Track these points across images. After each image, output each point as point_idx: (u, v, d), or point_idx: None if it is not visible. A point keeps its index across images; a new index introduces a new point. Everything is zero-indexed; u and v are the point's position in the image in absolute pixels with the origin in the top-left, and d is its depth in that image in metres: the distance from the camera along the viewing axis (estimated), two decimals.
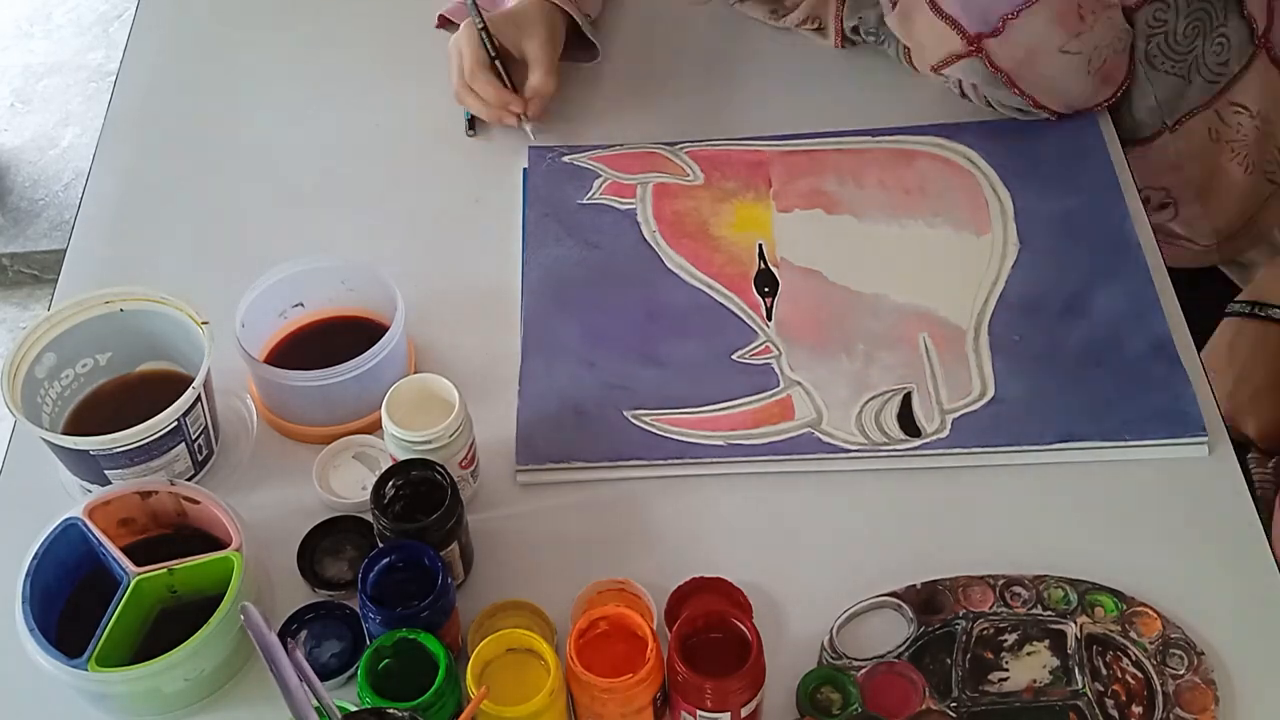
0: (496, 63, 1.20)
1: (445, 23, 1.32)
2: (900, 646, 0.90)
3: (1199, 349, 1.06)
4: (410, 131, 1.27)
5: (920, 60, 1.18)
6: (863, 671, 0.89)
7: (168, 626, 0.89)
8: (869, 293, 1.10)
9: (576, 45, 1.26)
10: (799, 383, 1.04)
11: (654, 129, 1.24)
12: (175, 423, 0.95)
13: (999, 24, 1.08)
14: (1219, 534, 0.96)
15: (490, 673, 0.84)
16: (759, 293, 1.11)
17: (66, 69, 2.71)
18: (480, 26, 1.19)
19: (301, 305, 1.08)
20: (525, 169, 1.21)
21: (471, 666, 0.83)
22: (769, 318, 1.09)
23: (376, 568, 0.87)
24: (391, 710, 0.78)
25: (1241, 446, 1.13)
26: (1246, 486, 0.98)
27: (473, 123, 1.26)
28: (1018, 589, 0.93)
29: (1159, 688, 0.88)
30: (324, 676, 0.87)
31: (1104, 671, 0.89)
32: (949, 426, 1.01)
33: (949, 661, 0.89)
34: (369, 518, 0.92)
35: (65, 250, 1.20)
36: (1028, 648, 0.90)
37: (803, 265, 1.12)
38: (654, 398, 1.04)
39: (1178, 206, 1.27)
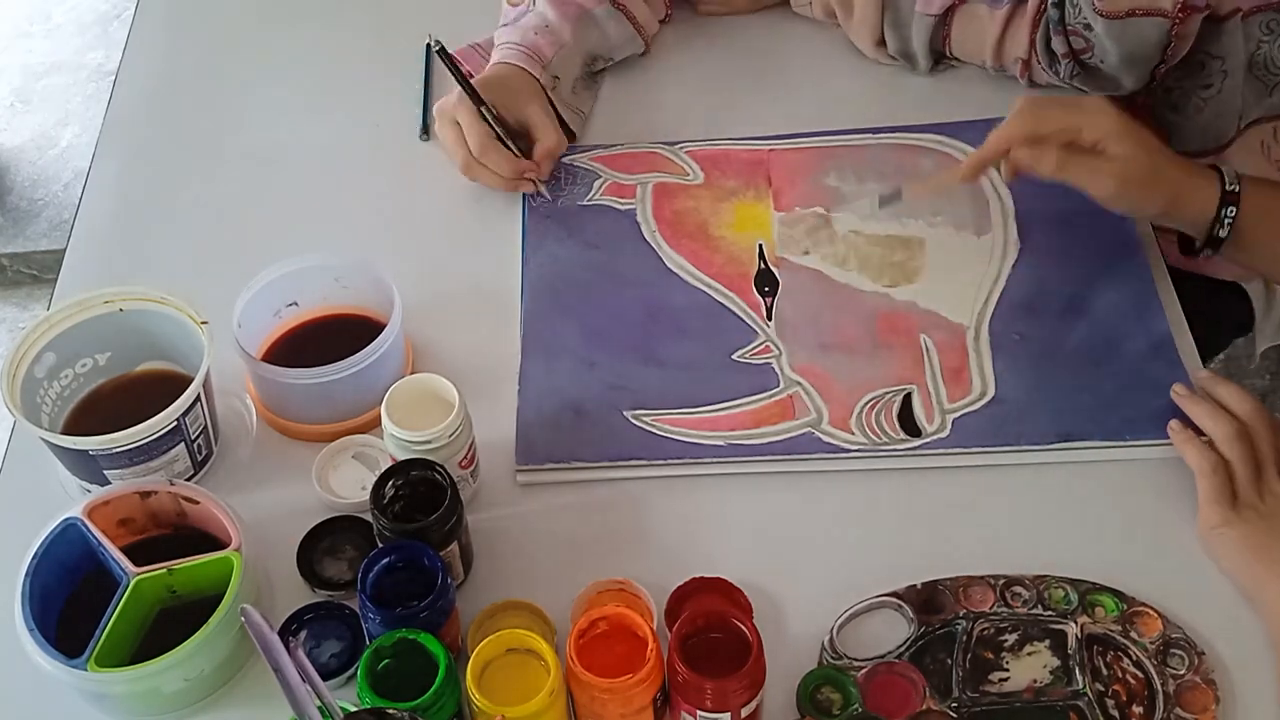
0: (504, 137, 1.14)
1: (443, 54, 1.17)
2: (901, 646, 0.90)
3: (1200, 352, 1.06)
4: (410, 131, 1.27)
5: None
6: (863, 671, 0.89)
7: (167, 626, 0.89)
8: (869, 292, 1.10)
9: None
10: (799, 383, 1.04)
11: (654, 129, 1.24)
12: (175, 423, 0.95)
13: None
14: None
15: (490, 673, 0.84)
16: (759, 292, 1.11)
17: (66, 68, 2.70)
18: (483, 106, 1.13)
19: (295, 304, 1.08)
20: None
21: (471, 666, 0.82)
22: (769, 317, 1.09)
23: (376, 568, 0.87)
24: (391, 710, 0.78)
25: None
26: None
27: (427, 129, 1.26)
28: (1018, 589, 0.93)
29: (1159, 687, 0.87)
30: (324, 676, 0.86)
31: (1104, 671, 0.89)
32: (949, 426, 1.01)
33: (949, 661, 0.89)
34: (369, 518, 0.92)
35: (65, 250, 1.20)
36: (1028, 648, 0.90)
37: (803, 264, 1.12)
38: (654, 398, 1.04)
39: None
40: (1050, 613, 0.91)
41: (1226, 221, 1.02)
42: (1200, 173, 1.03)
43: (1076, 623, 0.91)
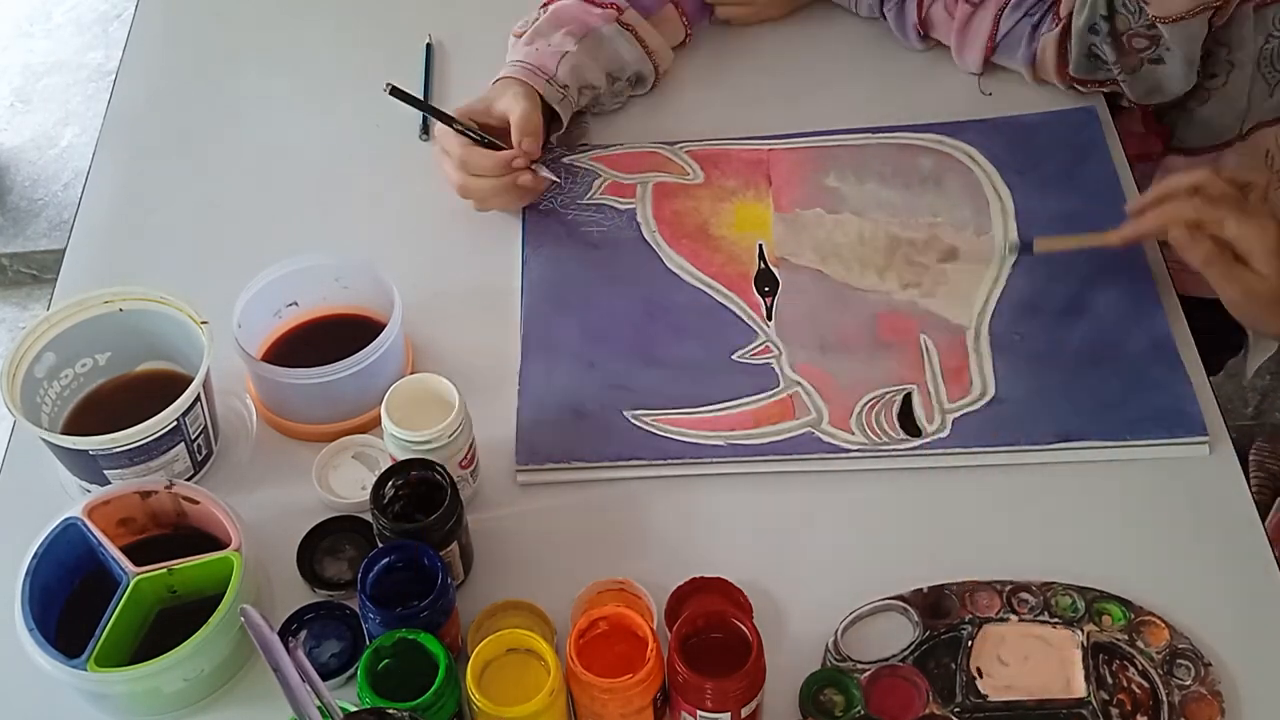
0: (483, 137, 1.12)
1: (397, 93, 1.15)
2: (905, 650, 0.90)
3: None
4: (410, 131, 1.26)
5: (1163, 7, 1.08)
6: (866, 674, 0.88)
7: (167, 626, 0.89)
8: (869, 292, 1.10)
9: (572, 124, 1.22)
10: (799, 382, 1.04)
11: (654, 129, 1.24)
12: (175, 423, 0.95)
13: None
14: (1221, 536, 0.95)
15: (490, 673, 0.84)
16: (759, 292, 1.11)
17: (66, 68, 2.70)
18: (453, 122, 1.12)
19: (296, 304, 1.08)
20: None
21: (471, 666, 0.82)
22: (769, 317, 1.09)
23: (376, 568, 0.87)
24: (391, 710, 0.78)
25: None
26: (1247, 487, 0.98)
27: (427, 129, 1.25)
28: (1025, 595, 0.92)
29: (1164, 698, 0.87)
30: (324, 676, 0.86)
31: (1110, 680, 0.88)
32: (949, 426, 1.01)
33: (953, 666, 0.89)
34: (369, 518, 0.92)
35: (65, 250, 1.20)
36: None
37: (803, 264, 1.12)
38: (654, 398, 1.04)
39: None
40: (1056, 620, 0.91)
41: None
42: None
43: (1083, 630, 0.90)
